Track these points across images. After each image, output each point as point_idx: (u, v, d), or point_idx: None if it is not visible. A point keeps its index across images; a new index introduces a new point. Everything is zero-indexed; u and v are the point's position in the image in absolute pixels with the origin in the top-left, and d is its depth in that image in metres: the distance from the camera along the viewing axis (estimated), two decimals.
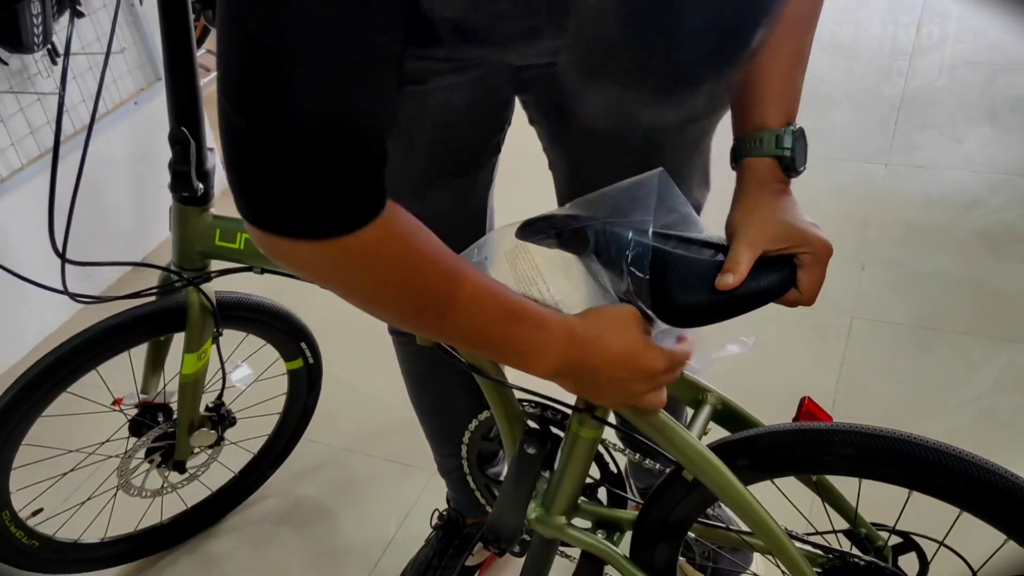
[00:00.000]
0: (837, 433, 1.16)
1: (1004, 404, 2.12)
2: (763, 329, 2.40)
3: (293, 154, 0.80)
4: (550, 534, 1.39)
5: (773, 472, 1.24)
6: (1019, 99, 3.32)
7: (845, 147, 3.17)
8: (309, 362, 1.88)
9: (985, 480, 1.09)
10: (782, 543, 1.23)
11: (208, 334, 1.63)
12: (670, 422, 1.21)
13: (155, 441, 1.75)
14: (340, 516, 2.06)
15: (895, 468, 1.14)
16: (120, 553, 1.94)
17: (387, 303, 0.96)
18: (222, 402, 1.79)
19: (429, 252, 0.94)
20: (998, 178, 2.91)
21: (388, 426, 2.23)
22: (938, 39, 3.81)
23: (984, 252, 2.61)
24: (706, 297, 1.08)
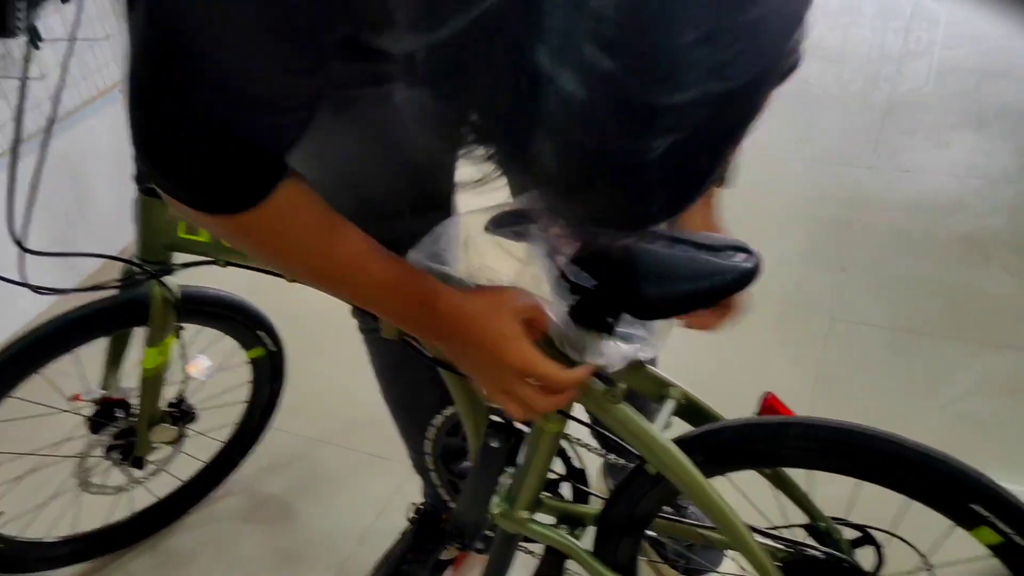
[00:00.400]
0: (789, 426, 1.17)
1: (982, 408, 2.11)
2: (741, 329, 2.39)
3: (180, 150, 0.87)
4: (513, 529, 1.37)
5: (730, 466, 1.24)
6: (1005, 106, 3.31)
7: (830, 150, 3.15)
8: (271, 350, 1.85)
9: (929, 466, 1.11)
10: (743, 536, 1.22)
11: (170, 328, 1.60)
12: (633, 415, 1.20)
13: (115, 438, 1.71)
14: (315, 508, 2.04)
15: (844, 459, 1.15)
16: (84, 550, 1.90)
17: (280, 264, 1.08)
18: (183, 397, 1.75)
19: (309, 227, 1.00)
20: (981, 184, 2.90)
21: (366, 419, 2.19)
22: (926, 44, 3.80)
23: (965, 257, 2.59)
24: (674, 289, 1.09)
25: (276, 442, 2.10)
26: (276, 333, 1.85)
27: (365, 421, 2.18)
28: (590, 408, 1.21)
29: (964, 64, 3.61)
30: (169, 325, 1.59)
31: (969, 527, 1.12)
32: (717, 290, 1.10)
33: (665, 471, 1.21)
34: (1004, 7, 3.96)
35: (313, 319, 1.95)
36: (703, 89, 0.65)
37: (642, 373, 1.27)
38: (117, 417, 1.70)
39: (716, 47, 0.64)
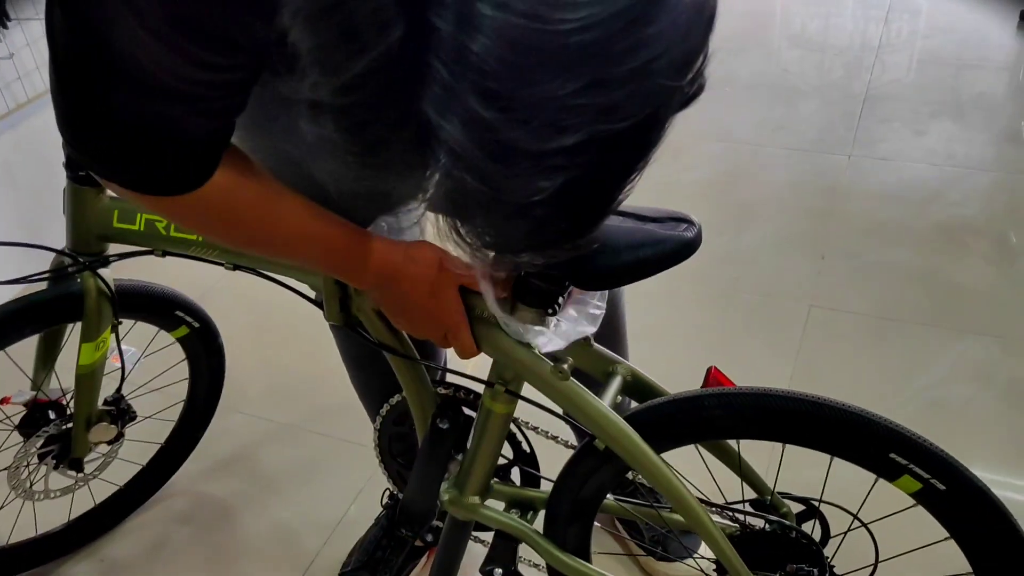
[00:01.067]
0: (707, 396, 1.17)
1: (956, 394, 2.07)
2: (721, 316, 2.36)
3: (107, 138, 0.86)
4: (464, 516, 1.35)
5: (667, 442, 1.23)
6: (982, 95, 3.27)
7: (808, 138, 3.11)
8: (194, 326, 1.75)
9: (846, 421, 1.12)
10: (694, 509, 1.21)
11: (107, 322, 1.51)
12: (581, 391, 1.18)
13: (49, 441, 1.63)
14: (290, 495, 1.99)
15: (764, 423, 1.17)
16: (45, 550, 1.83)
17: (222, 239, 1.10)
18: (121, 395, 1.66)
19: (251, 203, 1.01)
20: (959, 172, 2.86)
21: (341, 405, 2.13)
22: (906, 35, 3.77)
23: (942, 245, 2.56)
24: (620, 258, 1.09)
25: (248, 428, 2.07)
26: (197, 309, 1.75)
27: (339, 407, 2.13)
28: (538, 387, 1.19)
29: (942, 54, 3.58)
30: (105, 319, 1.51)
31: (891, 478, 1.13)
32: (659, 258, 1.09)
33: (614, 445, 1.19)
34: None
35: (284, 303, 1.88)
36: (590, 132, 0.65)
37: (588, 351, 1.25)
38: (51, 420, 1.61)
39: (600, 94, 0.64)
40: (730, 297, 2.44)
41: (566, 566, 1.32)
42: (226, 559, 1.86)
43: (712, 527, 1.21)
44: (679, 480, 1.20)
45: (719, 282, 2.48)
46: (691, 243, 1.11)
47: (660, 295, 1.08)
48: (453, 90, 0.65)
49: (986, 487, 1.10)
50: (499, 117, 0.64)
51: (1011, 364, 2.12)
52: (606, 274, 1.10)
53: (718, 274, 2.50)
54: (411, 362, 1.30)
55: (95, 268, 1.45)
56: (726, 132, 3.21)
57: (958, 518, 1.13)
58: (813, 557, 1.22)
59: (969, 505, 1.11)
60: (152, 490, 1.96)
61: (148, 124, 0.84)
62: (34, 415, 1.61)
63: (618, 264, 1.09)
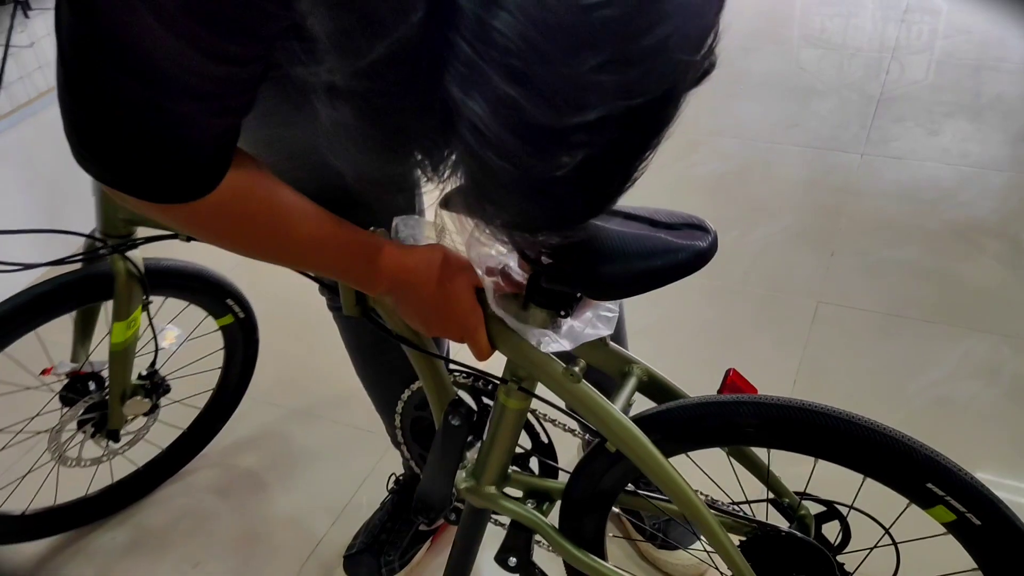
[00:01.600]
0: (742, 405, 1.14)
1: (962, 390, 2.06)
2: (730, 310, 2.36)
3: (116, 141, 0.83)
4: (480, 504, 1.35)
5: (689, 444, 1.21)
6: (998, 96, 3.24)
7: (822, 136, 3.10)
8: (240, 317, 1.81)
9: (885, 446, 1.08)
10: (700, 512, 1.19)
11: (137, 302, 1.56)
12: (592, 394, 1.17)
13: (88, 410, 1.68)
14: (299, 480, 2.01)
15: (799, 437, 1.13)
16: (58, 522, 1.87)
17: (233, 247, 1.04)
18: (155, 369, 1.71)
19: (262, 211, 0.99)
20: (972, 172, 2.84)
21: (349, 392, 2.14)
22: (923, 35, 3.73)
23: (952, 243, 2.54)
24: (630, 268, 1.05)
25: (261, 414, 2.08)
26: (244, 300, 1.81)
27: (349, 394, 2.14)
28: (550, 387, 1.18)
29: (958, 54, 3.55)
30: (135, 298, 1.55)
31: (925, 506, 1.10)
32: (671, 268, 1.06)
33: (624, 448, 1.18)
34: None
35: (297, 294, 1.90)
36: (609, 108, 0.66)
37: (604, 350, 1.24)
38: (90, 390, 1.66)
39: (620, 70, 0.65)
40: (739, 292, 2.43)
41: (578, 561, 1.32)
42: (234, 541, 1.88)
43: (720, 532, 1.20)
44: (687, 484, 1.18)
45: (729, 277, 2.47)
46: (704, 253, 1.08)
47: (669, 288, 1.08)
48: (476, 67, 0.65)
49: (1023, 524, 1.08)
50: (522, 93, 0.64)
51: (1017, 362, 2.11)
52: (617, 283, 1.07)
53: (728, 269, 2.49)
54: (428, 356, 1.29)
55: (123, 251, 1.49)
56: (740, 129, 3.19)
57: (991, 553, 1.10)
58: (825, 565, 1.20)
59: (1004, 542, 1.08)
60: (166, 476, 1.99)
61: (158, 123, 0.83)
62: (75, 385, 1.66)
63: (629, 274, 1.06)
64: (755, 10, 4.09)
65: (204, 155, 0.88)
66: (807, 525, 1.25)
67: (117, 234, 1.47)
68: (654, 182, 0.79)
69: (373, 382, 1.71)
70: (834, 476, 1.18)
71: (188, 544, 1.87)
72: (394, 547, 1.76)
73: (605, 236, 1.05)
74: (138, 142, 0.84)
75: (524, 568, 1.36)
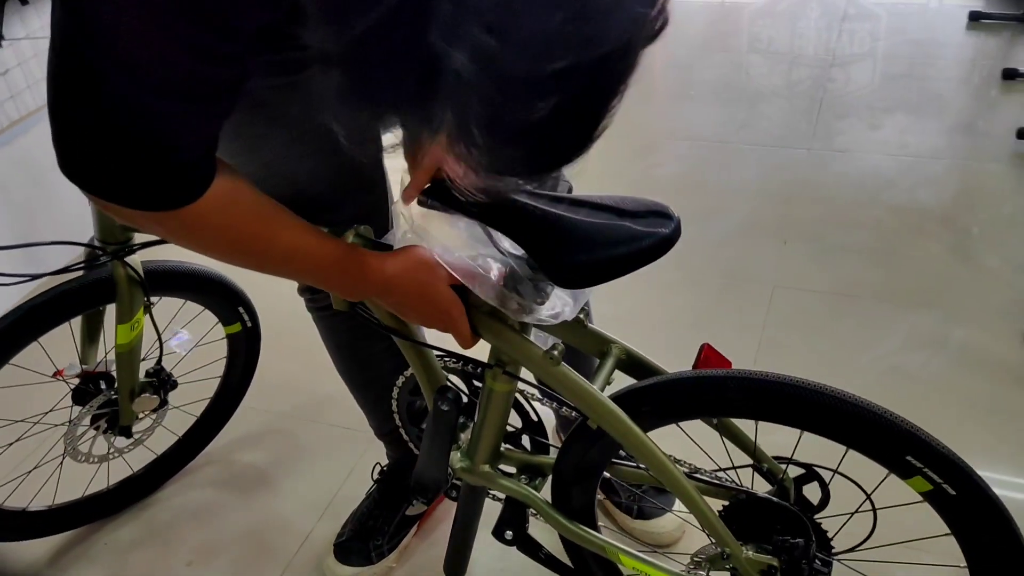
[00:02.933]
0: (730, 379, 1.15)
1: (911, 361, 2.11)
2: (690, 299, 2.41)
3: (103, 147, 0.83)
4: (476, 481, 1.36)
5: (677, 416, 1.23)
6: (933, 90, 3.31)
7: (771, 135, 3.15)
8: (247, 325, 1.82)
9: (869, 420, 1.09)
10: (679, 483, 1.21)
11: (139, 304, 1.56)
12: (571, 375, 1.18)
13: (99, 408, 1.68)
14: (285, 478, 1.99)
15: (785, 410, 1.14)
16: (65, 520, 1.85)
17: (219, 255, 1.04)
18: (162, 367, 1.71)
19: (246, 220, 1.00)
20: (912, 161, 2.90)
21: (328, 396, 2.17)
22: (863, 38, 3.79)
23: (896, 227, 2.59)
24: (596, 256, 1.07)
25: (243, 419, 2.06)
26: (253, 309, 1.81)
27: (327, 396, 2.16)
28: (532, 370, 1.20)
29: (895, 54, 3.62)
30: (137, 301, 1.55)
31: (904, 476, 1.11)
32: (636, 255, 1.07)
33: (605, 425, 1.20)
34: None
35: (269, 305, 1.90)
36: (575, 58, 0.70)
37: (582, 331, 1.25)
38: (101, 389, 1.66)
39: (584, 23, 0.69)
40: (700, 281, 2.46)
41: (570, 531, 1.33)
42: (223, 540, 1.85)
43: (699, 499, 1.21)
44: (666, 457, 1.20)
45: (690, 268, 2.50)
46: (668, 239, 1.09)
47: (633, 280, 1.11)
48: (458, 22, 0.68)
49: (996, 496, 1.09)
50: (499, 46, 0.68)
51: (960, 332, 2.16)
52: (584, 272, 1.07)
53: (689, 260, 2.52)
54: (417, 344, 1.30)
55: (122, 256, 1.49)
56: (694, 131, 3.23)
57: (964, 520, 1.12)
58: (803, 527, 1.21)
59: (977, 510, 1.10)
60: (162, 480, 1.97)
61: (145, 123, 0.82)
62: (87, 385, 1.66)
63: (596, 262, 1.06)
64: (705, 21, 4.16)
65: (191, 158, 0.88)
66: (787, 489, 1.25)
67: (115, 241, 1.47)
68: (616, 182, 0.82)
69: (355, 378, 1.70)
70: (810, 447, 1.20)
71: (178, 545, 1.85)
72: (381, 533, 1.75)
73: (572, 226, 1.06)
74: (125, 144, 0.83)
75: (520, 541, 1.37)
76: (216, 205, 0.93)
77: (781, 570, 1.20)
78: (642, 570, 1.30)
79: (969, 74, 3.42)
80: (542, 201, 1.07)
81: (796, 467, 1.26)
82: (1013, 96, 3.21)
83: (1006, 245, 2.47)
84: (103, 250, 1.47)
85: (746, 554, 1.21)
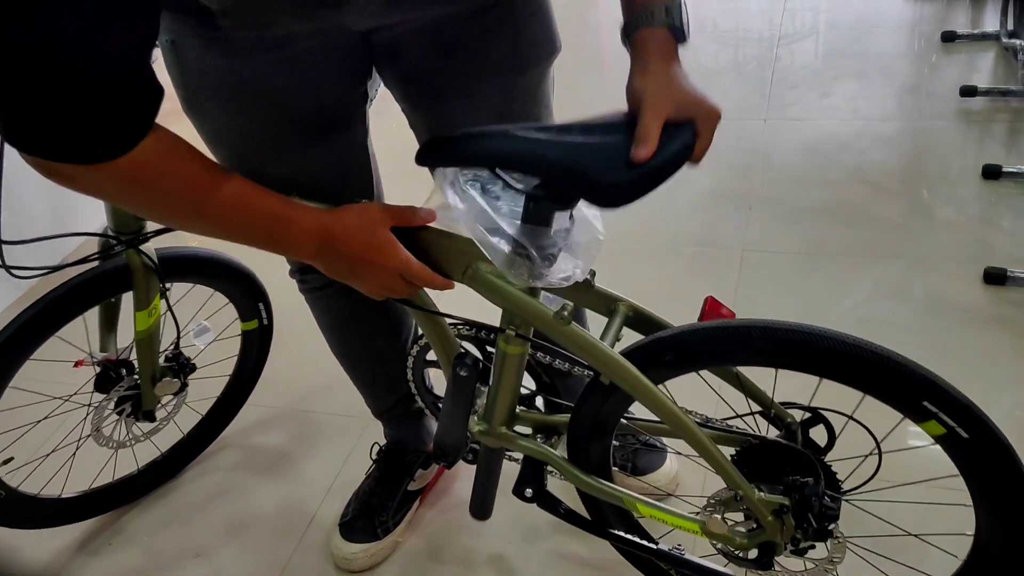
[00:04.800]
0: (753, 328, 1.14)
1: (879, 310, 2.13)
2: (663, 267, 2.42)
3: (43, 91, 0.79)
4: (494, 443, 1.35)
5: (699, 365, 1.22)
6: (879, 56, 3.34)
7: (727, 108, 3.10)
8: (264, 323, 1.79)
9: (888, 367, 1.09)
10: (691, 431, 1.21)
11: (155, 290, 1.54)
12: (582, 333, 1.18)
13: (124, 392, 1.66)
14: (284, 470, 1.95)
15: (805, 359, 1.13)
16: (78, 510, 1.81)
17: (154, 213, 1.02)
18: (180, 351, 1.69)
19: (183, 170, 0.96)
20: (864, 124, 2.93)
21: (322, 386, 2.15)
22: (807, 12, 3.82)
23: (854, 186, 2.61)
24: (626, 175, 1.04)
25: (244, 414, 2.03)
26: (271, 308, 1.79)
27: (321, 387, 2.14)
28: (543, 330, 1.18)
29: (839, 25, 3.64)
30: (153, 288, 1.54)
31: (919, 420, 1.11)
32: (669, 164, 1.06)
33: (617, 380, 1.20)
34: None
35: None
36: None
37: (589, 292, 1.24)
38: (123, 376, 1.64)
39: None
40: (672, 251, 2.47)
41: (588, 485, 1.33)
42: (230, 530, 1.82)
43: (711, 447, 1.20)
44: (678, 407, 1.20)
45: (661, 238, 2.51)
46: (690, 146, 1.08)
47: (609, 254, 1.11)
48: None
49: (1006, 438, 1.09)
50: None
51: (924, 280, 2.19)
52: (627, 188, 1.04)
53: (659, 232, 2.53)
54: (431, 314, 1.29)
55: (136, 245, 1.47)
56: None
57: (975, 462, 1.12)
58: (811, 468, 1.21)
59: (987, 453, 1.10)
60: (168, 477, 1.93)
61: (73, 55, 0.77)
62: (108, 373, 1.63)
63: (637, 176, 1.03)
64: None
65: (123, 73, 0.83)
66: (793, 432, 1.25)
67: (128, 231, 1.45)
68: None
69: (351, 356, 1.67)
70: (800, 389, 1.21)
71: (185, 537, 1.81)
72: (385, 509, 1.71)
73: (595, 148, 1.05)
74: (59, 81, 0.79)
75: (540, 497, 1.37)
76: (152, 157, 0.90)
77: (792, 509, 1.20)
78: (659, 517, 1.30)
79: (910, 39, 3.45)
80: (541, 132, 1.05)
81: (802, 412, 1.26)
82: (953, 57, 3.25)
83: (958, 196, 2.50)
84: (117, 239, 1.45)
85: (758, 495, 1.22)
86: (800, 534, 1.22)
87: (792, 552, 1.26)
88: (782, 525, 1.22)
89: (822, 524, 1.19)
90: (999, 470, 1.11)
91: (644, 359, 1.19)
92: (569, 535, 1.65)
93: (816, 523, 1.18)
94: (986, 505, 1.15)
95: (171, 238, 1.47)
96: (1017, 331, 2.01)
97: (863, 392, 1.12)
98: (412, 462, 1.77)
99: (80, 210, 2.63)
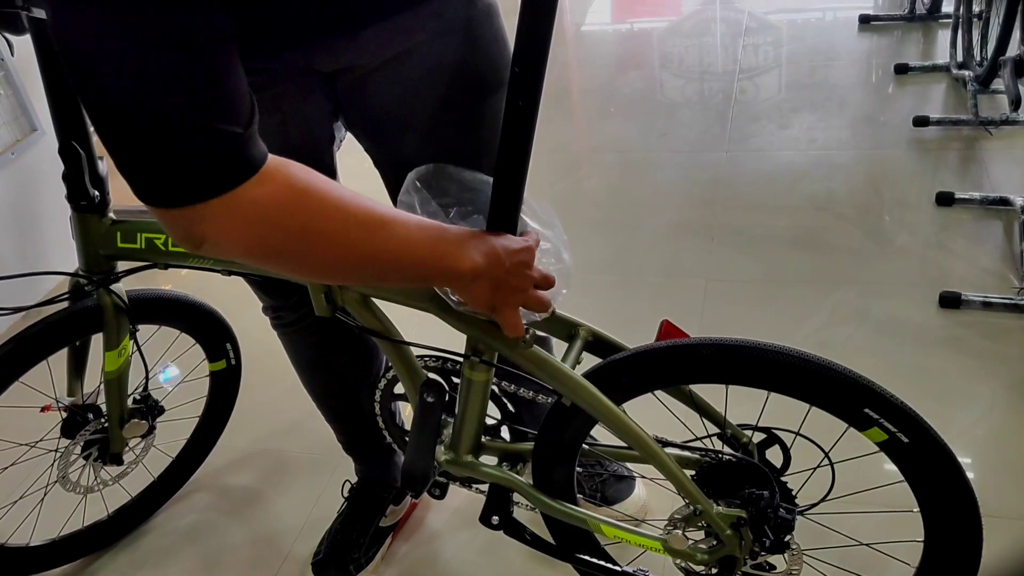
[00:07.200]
0: (702, 346, 1.19)
1: (837, 334, 2.20)
2: (629, 299, 2.48)
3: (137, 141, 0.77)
4: (460, 472, 1.39)
5: (654, 385, 1.27)
6: (834, 88, 3.45)
7: (690, 141, 3.25)
8: (232, 363, 1.81)
9: (829, 377, 1.15)
10: (654, 451, 1.26)
11: (125, 331, 1.55)
12: (544, 355, 1.23)
13: (91, 436, 1.66)
14: (255, 509, 1.97)
15: (752, 373, 1.18)
16: (47, 558, 1.79)
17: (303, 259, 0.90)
18: (148, 392, 1.69)
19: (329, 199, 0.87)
20: (821, 154, 3.02)
21: (290, 425, 2.17)
22: (765, 48, 3.93)
23: (813, 215, 2.70)
24: None
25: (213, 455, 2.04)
26: (239, 348, 1.81)
27: (289, 426, 2.17)
28: (507, 354, 1.23)
29: (796, 59, 3.76)
30: (123, 328, 1.54)
31: (861, 428, 1.17)
32: None
33: (578, 400, 1.24)
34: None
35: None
36: None
37: (553, 317, 1.28)
38: (89, 420, 1.64)
39: None
40: (636, 282, 2.53)
41: (554, 509, 1.37)
42: (209, 566, 1.83)
43: (672, 465, 1.25)
44: (639, 427, 1.25)
45: (625, 271, 2.57)
46: None
47: (575, 284, 1.15)
48: None
49: (944, 441, 1.15)
50: None
51: (881, 305, 2.26)
52: None
53: (625, 262, 2.59)
54: (398, 345, 1.31)
55: (107, 284, 1.48)
56: (617, 143, 3.32)
57: (916, 466, 1.17)
58: (767, 482, 1.26)
59: (927, 455, 1.15)
60: (137, 523, 1.93)
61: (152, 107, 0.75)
62: (75, 417, 1.63)
63: None
64: (617, 44, 4.31)
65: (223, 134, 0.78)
66: (751, 452, 1.31)
67: (99, 270, 1.45)
68: (545, 197, 0.82)
69: (323, 392, 1.70)
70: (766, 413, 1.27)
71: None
72: (357, 546, 1.73)
73: None
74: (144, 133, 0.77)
75: (506, 525, 1.41)
76: (282, 189, 0.82)
77: (749, 521, 1.26)
78: (623, 537, 1.35)
79: (865, 72, 3.57)
80: None
81: (758, 433, 1.31)
82: (906, 88, 3.37)
83: (913, 222, 2.59)
84: (88, 279, 1.45)
85: (716, 509, 1.27)
86: (758, 547, 1.27)
87: (753, 567, 1.31)
88: (740, 539, 1.28)
89: (778, 535, 1.24)
90: (940, 473, 1.17)
91: (602, 381, 1.24)
92: (543, 564, 1.68)
93: (772, 534, 1.24)
94: (931, 509, 1.21)
95: (137, 279, 1.49)
96: (972, 352, 2.09)
97: (809, 403, 1.18)
98: (384, 498, 1.79)
99: (49, 253, 2.68)
